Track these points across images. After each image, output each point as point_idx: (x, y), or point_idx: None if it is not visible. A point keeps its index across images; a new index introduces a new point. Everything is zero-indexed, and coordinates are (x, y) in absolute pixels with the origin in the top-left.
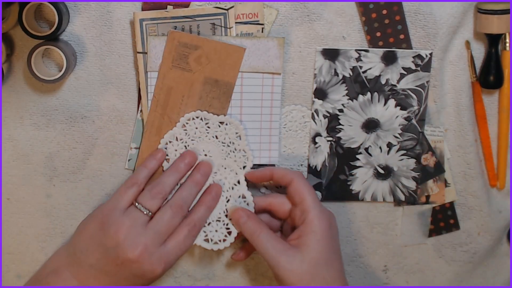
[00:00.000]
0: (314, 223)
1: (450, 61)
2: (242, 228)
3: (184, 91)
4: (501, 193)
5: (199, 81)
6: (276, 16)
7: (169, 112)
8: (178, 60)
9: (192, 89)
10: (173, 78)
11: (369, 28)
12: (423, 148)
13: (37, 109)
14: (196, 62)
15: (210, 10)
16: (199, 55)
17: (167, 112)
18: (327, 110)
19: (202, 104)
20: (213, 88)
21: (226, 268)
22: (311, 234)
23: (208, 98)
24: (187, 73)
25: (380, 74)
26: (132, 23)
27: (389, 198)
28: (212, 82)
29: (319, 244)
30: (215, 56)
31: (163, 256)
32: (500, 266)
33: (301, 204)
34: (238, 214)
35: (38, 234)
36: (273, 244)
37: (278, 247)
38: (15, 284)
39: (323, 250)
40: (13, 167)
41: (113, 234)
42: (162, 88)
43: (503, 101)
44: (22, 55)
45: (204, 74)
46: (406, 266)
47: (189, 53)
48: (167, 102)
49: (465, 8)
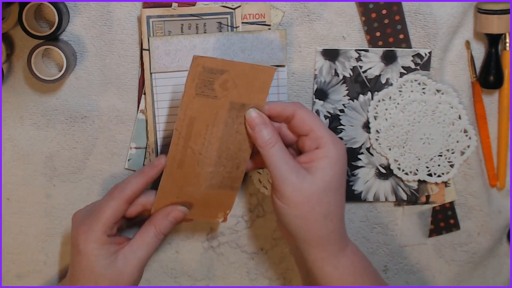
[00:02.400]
0: (329, 147)
1: (450, 61)
2: (256, 135)
3: (208, 120)
4: (501, 193)
5: (225, 107)
6: (282, 17)
7: (192, 144)
8: (203, 88)
9: (217, 117)
10: (197, 108)
11: (369, 28)
12: None
13: (37, 109)
14: (222, 87)
15: (217, 9)
16: (226, 79)
17: (190, 144)
18: (328, 110)
19: (229, 131)
20: (239, 113)
21: (226, 268)
22: (325, 158)
23: (235, 124)
24: (212, 100)
25: (380, 74)
26: (139, 20)
27: (391, 198)
28: (238, 107)
29: (332, 169)
30: (242, 79)
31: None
32: (500, 266)
33: (311, 132)
34: (252, 119)
35: (38, 234)
36: (286, 159)
37: (290, 163)
38: (15, 284)
39: (335, 175)
40: (13, 167)
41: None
42: (184, 119)
43: (503, 101)
44: (22, 55)
45: (230, 99)
46: (406, 266)
47: (215, 78)
48: (189, 134)
49: (465, 8)
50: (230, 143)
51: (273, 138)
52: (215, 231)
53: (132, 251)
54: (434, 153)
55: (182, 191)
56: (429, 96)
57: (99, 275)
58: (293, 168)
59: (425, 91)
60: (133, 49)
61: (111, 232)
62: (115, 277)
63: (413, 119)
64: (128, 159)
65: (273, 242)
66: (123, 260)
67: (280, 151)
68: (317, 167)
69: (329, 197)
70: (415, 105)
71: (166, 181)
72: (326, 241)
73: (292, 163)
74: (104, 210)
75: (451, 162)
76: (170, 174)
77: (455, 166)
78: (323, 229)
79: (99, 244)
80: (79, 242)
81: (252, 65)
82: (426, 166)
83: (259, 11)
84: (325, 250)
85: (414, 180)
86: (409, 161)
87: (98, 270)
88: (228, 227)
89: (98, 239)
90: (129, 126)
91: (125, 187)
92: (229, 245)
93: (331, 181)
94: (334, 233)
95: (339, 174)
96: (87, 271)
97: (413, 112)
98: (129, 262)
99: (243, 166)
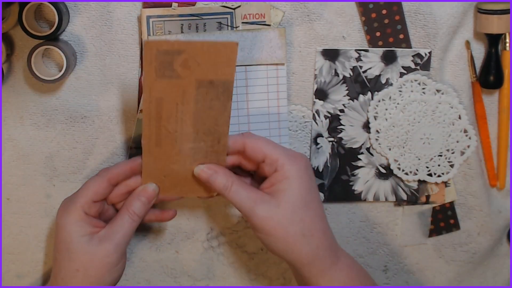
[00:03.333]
0: (286, 168)
1: (450, 61)
2: (213, 185)
3: (176, 99)
4: (501, 193)
5: (192, 85)
6: (282, 17)
7: (165, 124)
8: (162, 70)
9: (185, 95)
10: (161, 89)
11: (369, 28)
12: None
13: (37, 109)
14: (183, 67)
15: (217, 9)
16: (185, 59)
17: (163, 124)
18: (328, 110)
19: (201, 107)
20: (209, 90)
21: (226, 268)
22: (284, 180)
23: (206, 101)
24: (176, 80)
25: (380, 74)
26: (139, 19)
27: (391, 198)
28: (206, 84)
29: (295, 188)
30: (203, 57)
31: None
32: (500, 266)
33: (266, 158)
34: (204, 172)
35: (38, 234)
36: (247, 194)
37: (251, 196)
38: (15, 284)
39: (300, 193)
40: (13, 167)
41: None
42: (151, 101)
43: (503, 101)
44: (22, 55)
45: (195, 77)
46: (406, 266)
47: (173, 59)
48: (160, 114)
49: (465, 8)
50: (205, 119)
51: (228, 181)
52: (215, 231)
53: (107, 235)
54: (434, 153)
55: (168, 169)
56: (429, 96)
57: (72, 252)
58: (256, 200)
59: (425, 91)
60: (133, 49)
61: (89, 211)
62: (89, 257)
63: (413, 119)
64: (128, 159)
65: None
66: (97, 242)
67: (239, 189)
68: (280, 189)
69: (300, 215)
70: (415, 105)
71: (147, 160)
72: (314, 257)
73: (254, 196)
74: (86, 187)
75: (451, 162)
76: (149, 152)
77: (455, 166)
78: (306, 247)
79: (75, 219)
80: (58, 216)
81: (210, 43)
82: (426, 166)
83: (259, 11)
84: (315, 267)
85: (414, 180)
86: (409, 161)
87: (72, 247)
88: (228, 227)
89: (75, 213)
90: (129, 126)
91: (110, 168)
92: (229, 245)
93: (297, 200)
94: (320, 248)
95: (304, 190)
96: (62, 246)
97: (413, 112)
98: (103, 246)
99: (224, 139)
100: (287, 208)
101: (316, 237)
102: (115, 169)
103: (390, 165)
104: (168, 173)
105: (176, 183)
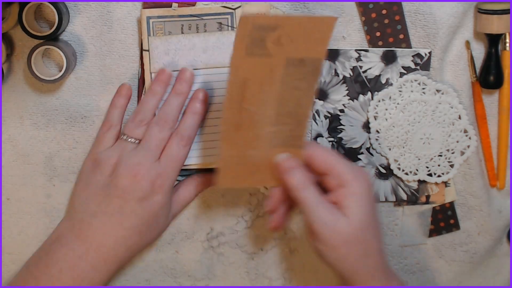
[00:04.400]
0: (352, 185)
1: (450, 61)
2: (288, 179)
3: (263, 79)
4: (501, 193)
5: (281, 64)
6: None
7: (247, 105)
8: (253, 47)
9: (272, 75)
10: (249, 68)
11: (369, 28)
12: None
13: (37, 109)
14: (276, 44)
15: (217, 9)
16: (279, 35)
17: (244, 106)
18: (328, 110)
19: (286, 88)
20: (298, 69)
21: (226, 268)
22: (351, 197)
23: (292, 81)
24: (265, 59)
25: (380, 74)
26: (139, 21)
27: (391, 198)
28: (296, 63)
29: (362, 206)
30: (298, 32)
31: (160, 171)
32: (500, 266)
33: (331, 171)
34: (285, 164)
35: (38, 234)
36: (321, 200)
37: (325, 204)
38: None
39: (367, 212)
40: (13, 167)
41: (106, 167)
42: (235, 82)
43: (503, 101)
44: (22, 55)
45: (286, 55)
46: (406, 266)
47: (267, 36)
48: (243, 96)
49: (465, 8)
50: (288, 100)
51: (307, 181)
52: (215, 231)
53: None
54: (434, 153)
55: (245, 156)
56: (429, 96)
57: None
58: (328, 209)
59: (425, 91)
60: (133, 49)
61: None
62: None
63: (413, 119)
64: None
65: (273, 242)
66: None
67: (314, 192)
68: (347, 206)
69: (365, 235)
70: (415, 105)
71: (225, 147)
72: (370, 278)
73: (327, 204)
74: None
75: (451, 162)
76: (228, 139)
77: (455, 166)
78: (365, 267)
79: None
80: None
81: (308, 17)
82: (426, 166)
83: (259, 11)
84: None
85: (414, 180)
86: (409, 161)
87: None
88: (228, 227)
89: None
90: None
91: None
92: (229, 245)
93: (363, 219)
94: (375, 269)
95: (370, 210)
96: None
97: (413, 112)
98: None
99: (304, 123)
100: (356, 227)
101: (375, 258)
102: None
103: (390, 165)
104: (244, 161)
105: (253, 171)
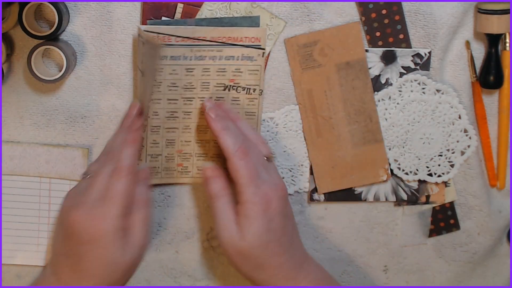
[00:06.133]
0: (247, 206)
1: (450, 61)
2: (207, 187)
3: (323, 86)
4: (501, 193)
5: (333, 70)
6: (284, 27)
7: (320, 112)
8: (305, 62)
9: (329, 81)
10: (308, 80)
11: (369, 28)
12: None
13: (37, 109)
14: (321, 55)
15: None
16: (321, 47)
17: (318, 113)
18: None
19: (346, 89)
20: (348, 71)
21: (226, 268)
22: (244, 217)
23: (348, 82)
24: (318, 69)
25: (380, 74)
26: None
27: (391, 198)
28: (344, 66)
29: (254, 226)
30: (335, 41)
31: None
32: (500, 266)
33: (236, 183)
34: (207, 171)
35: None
36: (227, 214)
37: (230, 218)
38: (15, 284)
39: (257, 232)
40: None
41: (62, 207)
42: (302, 94)
43: (503, 101)
44: (22, 55)
45: (334, 62)
46: (406, 266)
47: (312, 50)
48: (313, 104)
49: (465, 8)
50: (352, 100)
51: (221, 192)
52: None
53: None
54: (434, 153)
55: (334, 158)
56: (429, 96)
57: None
58: (229, 222)
59: (425, 91)
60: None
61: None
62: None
63: (413, 119)
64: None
65: None
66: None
67: (224, 205)
68: (242, 224)
69: (260, 252)
70: (414, 105)
71: (314, 154)
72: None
73: (231, 217)
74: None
75: (451, 162)
76: (313, 144)
77: (455, 166)
78: (261, 275)
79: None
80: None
81: (337, 27)
82: (426, 166)
83: (255, 35)
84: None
85: (414, 180)
86: (409, 161)
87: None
88: None
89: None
90: None
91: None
92: None
93: (257, 239)
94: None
95: (264, 231)
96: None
97: (413, 112)
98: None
99: (375, 116)
100: (249, 242)
101: (272, 272)
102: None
103: (390, 165)
104: (335, 164)
105: (345, 171)
